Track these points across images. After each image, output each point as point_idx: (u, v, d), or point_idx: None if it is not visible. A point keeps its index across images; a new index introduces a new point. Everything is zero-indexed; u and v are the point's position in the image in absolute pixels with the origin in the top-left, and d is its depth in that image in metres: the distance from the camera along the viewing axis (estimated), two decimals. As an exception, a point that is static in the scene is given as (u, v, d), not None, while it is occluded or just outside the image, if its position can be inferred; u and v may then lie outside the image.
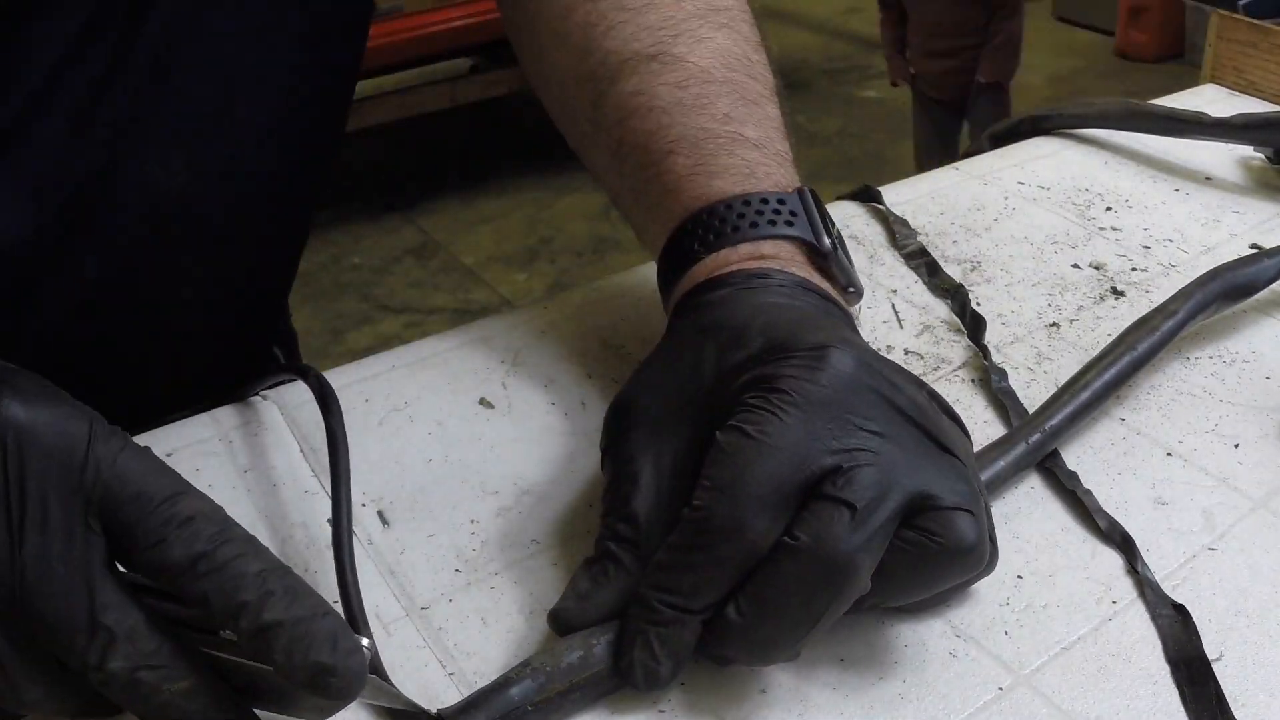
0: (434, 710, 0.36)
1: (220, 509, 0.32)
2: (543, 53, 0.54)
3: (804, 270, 0.45)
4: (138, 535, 0.30)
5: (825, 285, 0.45)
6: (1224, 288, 0.54)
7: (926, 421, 0.38)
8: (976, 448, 0.49)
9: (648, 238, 0.50)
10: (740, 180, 0.46)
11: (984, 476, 0.45)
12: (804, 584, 0.35)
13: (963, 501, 0.37)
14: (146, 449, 0.32)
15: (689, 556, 0.36)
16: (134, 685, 0.30)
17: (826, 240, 0.45)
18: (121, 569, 0.31)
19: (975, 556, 0.37)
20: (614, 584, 0.38)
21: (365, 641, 0.32)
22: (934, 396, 0.41)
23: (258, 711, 0.33)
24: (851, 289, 0.47)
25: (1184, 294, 0.54)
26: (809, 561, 0.35)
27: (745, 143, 0.47)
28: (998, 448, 0.47)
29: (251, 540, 0.31)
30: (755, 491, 0.36)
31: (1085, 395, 0.49)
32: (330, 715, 0.33)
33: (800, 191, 0.46)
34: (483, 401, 0.52)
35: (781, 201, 0.46)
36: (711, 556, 0.36)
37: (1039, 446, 0.47)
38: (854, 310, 0.47)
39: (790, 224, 0.45)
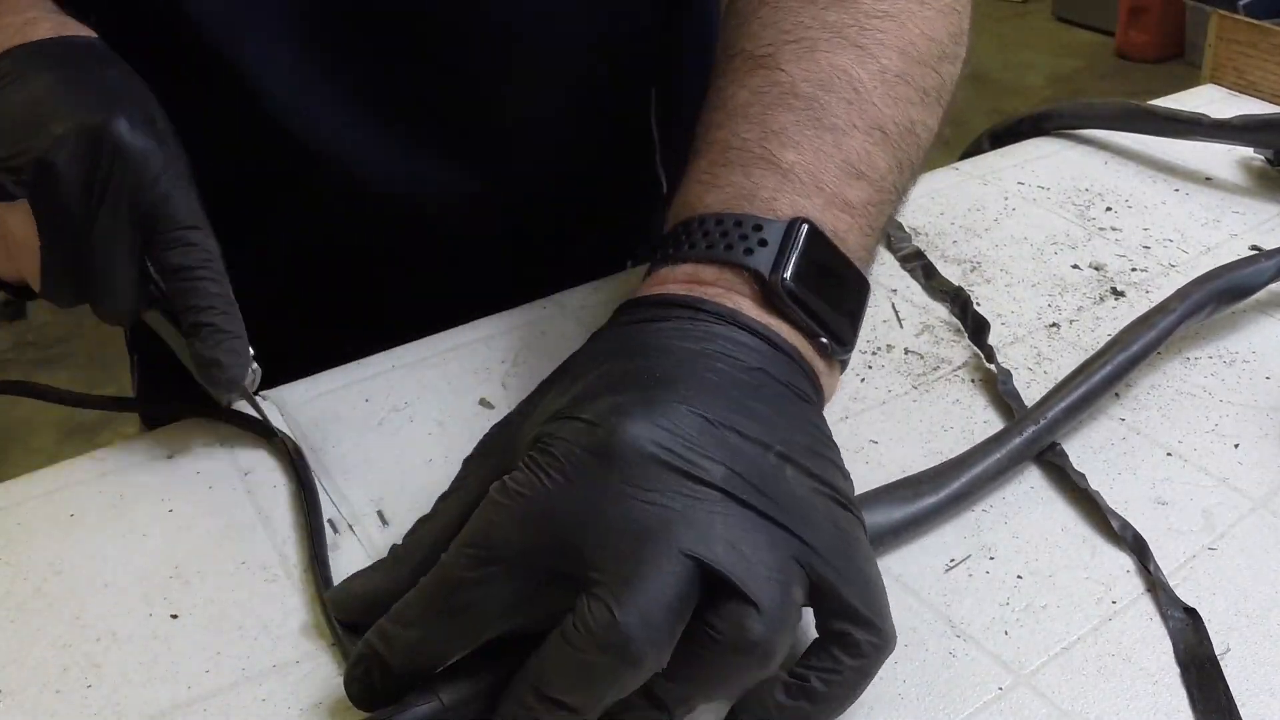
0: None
1: (216, 248, 0.45)
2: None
3: (746, 305, 0.40)
4: (159, 238, 0.44)
5: (775, 324, 0.40)
6: (1223, 288, 0.54)
7: (753, 495, 0.34)
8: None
9: None
10: (732, 200, 0.43)
11: (979, 468, 0.45)
12: (577, 669, 0.32)
13: (752, 588, 0.32)
14: (194, 188, 0.45)
15: (424, 611, 0.34)
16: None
17: (786, 277, 0.40)
18: None
19: (757, 656, 0.33)
20: (378, 580, 0.39)
21: (255, 366, 0.46)
22: (816, 475, 0.36)
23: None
24: (825, 339, 0.41)
25: (1182, 293, 0.54)
26: (574, 646, 0.32)
27: (773, 166, 0.43)
28: (995, 441, 0.47)
29: (223, 273, 0.45)
30: (502, 553, 0.33)
31: (1083, 389, 0.49)
32: (221, 400, 0.48)
33: (793, 222, 0.41)
34: (483, 401, 0.52)
35: (758, 228, 0.41)
36: (439, 609, 0.34)
37: (1035, 439, 0.47)
38: (825, 367, 0.42)
39: (749, 252, 0.41)
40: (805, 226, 0.41)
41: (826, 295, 0.41)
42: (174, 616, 0.41)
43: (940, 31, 0.48)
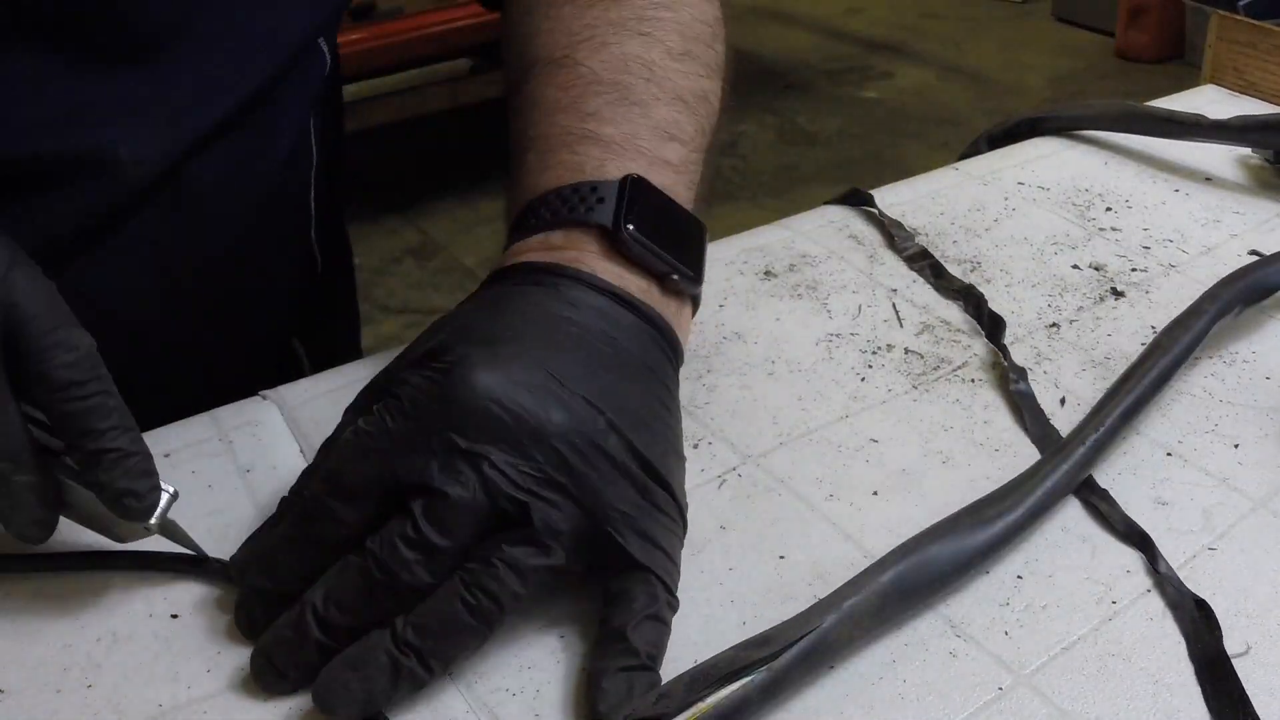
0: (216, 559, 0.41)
1: (94, 347, 0.38)
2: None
3: (597, 261, 0.43)
4: (31, 351, 0.36)
5: (625, 277, 0.43)
6: (1249, 287, 0.55)
7: (572, 453, 0.38)
8: (976, 447, 0.49)
9: None
10: (565, 175, 0.46)
11: (1050, 481, 0.44)
12: (370, 589, 0.37)
13: (546, 535, 0.37)
14: (52, 284, 0.38)
15: (288, 540, 0.39)
16: None
17: (627, 226, 0.43)
18: None
19: (528, 582, 0.37)
20: (271, 536, 0.40)
21: (170, 488, 0.40)
22: (635, 447, 0.39)
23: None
24: (676, 275, 0.45)
25: (1211, 295, 0.54)
26: (373, 569, 0.37)
27: (595, 140, 0.47)
28: (1058, 453, 0.46)
29: (113, 386, 0.38)
30: (345, 482, 0.38)
31: (1135, 394, 0.49)
32: (129, 539, 0.41)
33: (624, 179, 0.45)
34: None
35: (593, 189, 0.44)
36: (297, 536, 0.39)
37: (1098, 446, 0.47)
38: (677, 307, 0.45)
39: (591, 210, 0.44)
40: (636, 180, 0.45)
41: (668, 237, 0.45)
42: (174, 616, 0.41)
43: (708, 15, 0.55)
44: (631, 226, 0.43)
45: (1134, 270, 0.63)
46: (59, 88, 0.46)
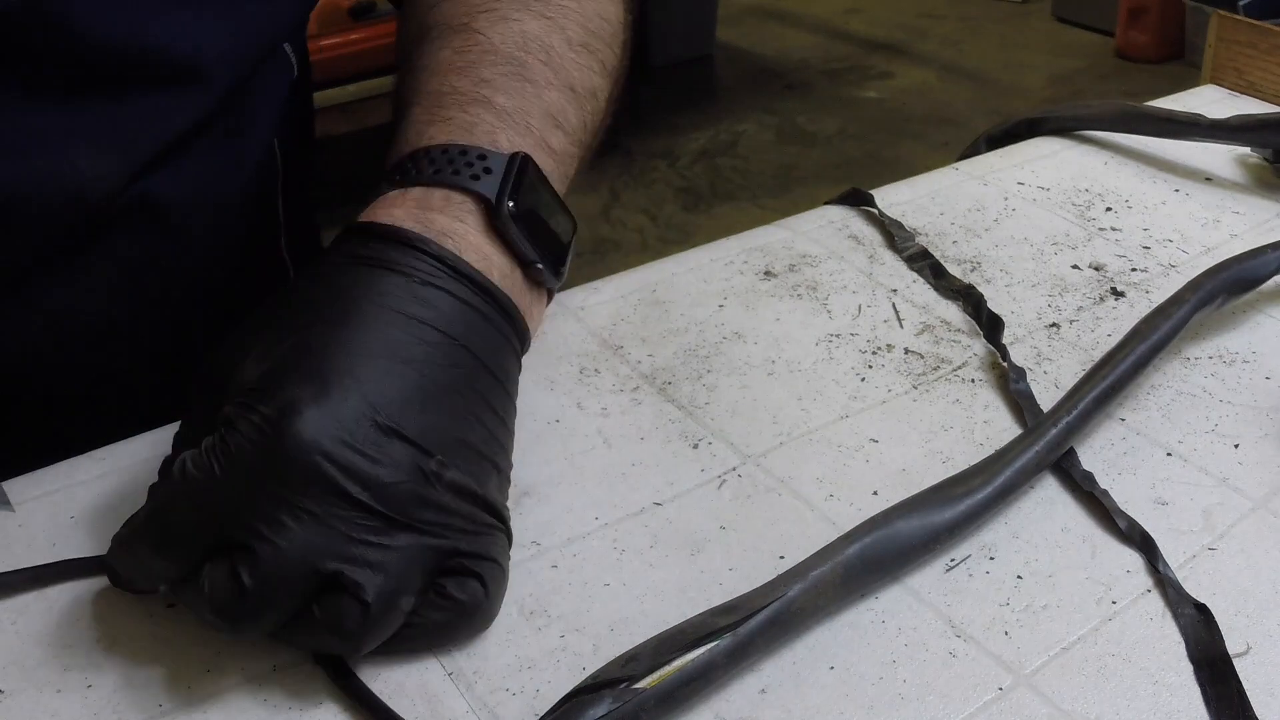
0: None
1: None
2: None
3: (473, 234, 0.42)
4: None
5: (495, 258, 0.43)
6: (1233, 278, 0.55)
7: (398, 508, 0.36)
8: (976, 447, 0.49)
9: None
10: (457, 133, 0.45)
11: (1022, 460, 0.45)
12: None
13: (365, 593, 0.36)
14: None
15: (131, 550, 0.38)
16: None
17: (508, 205, 0.43)
18: None
19: (349, 645, 0.37)
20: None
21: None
22: (464, 487, 0.38)
23: None
24: (542, 265, 0.45)
25: (1194, 284, 0.54)
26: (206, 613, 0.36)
27: (488, 106, 0.46)
28: (1033, 432, 0.47)
29: None
30: (170, 532, 0.37)
31: (1111, 378, 0.49)
32: None
33: (514, 155, 0.44)
34: (483, 402, 0.52)
35: (482, 157, 0.43)
36: (140, 556, 0.38)
37: (1071, 429, 0.48)
38: (535, 296, 0.46)
39: (476, 178, 0.43)
40: (524, 159, 0.44)
41: (541, 225, 0.45)
42: (174, 614, 0.41)
43: (612, 15, 0.54)
44: (512, 205, 0.43)
45: (1134, 270, 0.63)
46: (15, 115, 0.46)
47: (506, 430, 0.43)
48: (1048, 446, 0.47)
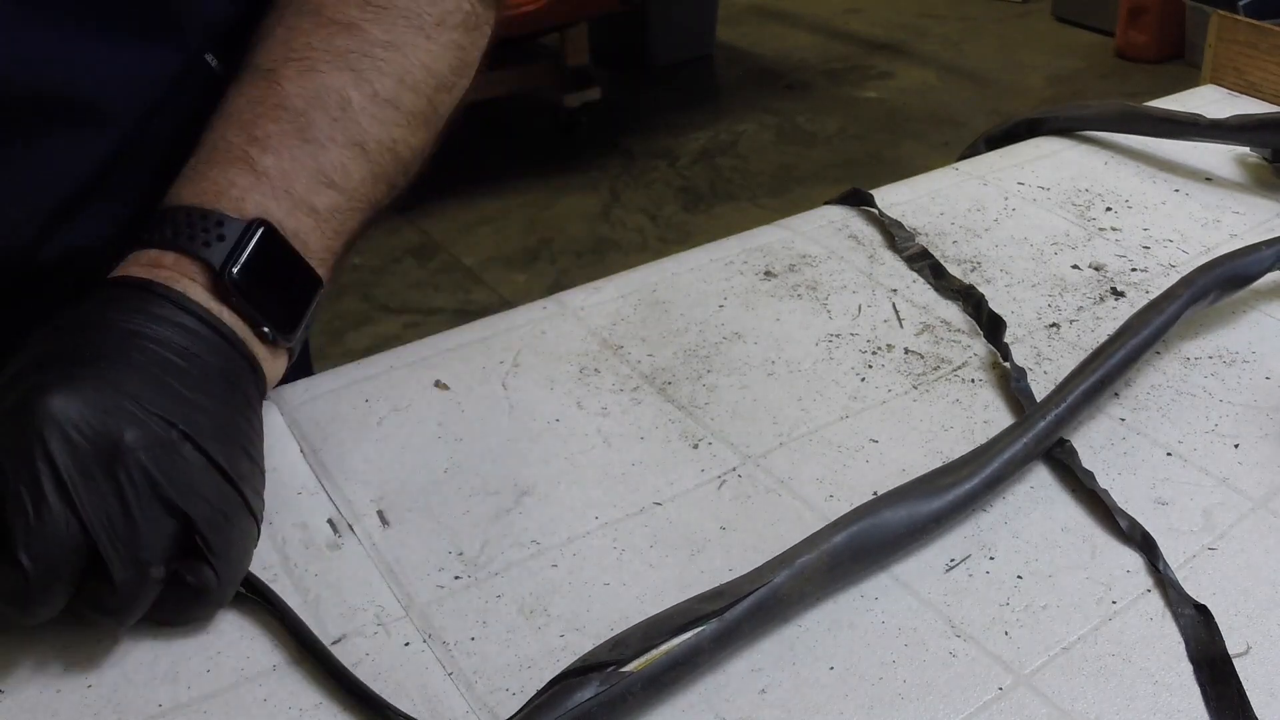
0: None
1: None
2: None
3: (197, 291, 0.44)
4: None
5: (226, 310, 0.44)
6: (1226, 275, 0.55)
7: (140, 472, 0.38)
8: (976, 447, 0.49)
9: None
10: (205, 194, 0.46)
11: (1009, 453, 0.46)
12: None
13: (116, 570, 0.37)
14: None
15: None
16: None
17: (233, 267, 0.44)
18: None
19: (111, 619, 0.39)
20: None
21: None
22: (211, 455, 0.41)
23: None
24: (267, 328, 0.46)
25: (1187, 280, 0.55)
26: None
27: (247, 168, 0.47)
28: (1020, 425, 0.48)
29: None
30: None
31: (1100, 373, 0.50)
32: None
33: (251, 222, 0.45)
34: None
35: (220, 223, 0.45)
36: None
37: (1059, 421, 0.48)
38: (268, 352, 0.46)
39: (207, 245, 0.44)
40: (262, 227, 0.46)
41: (274, 289, 0.46)
42: (174, 616, 0.41)
43: (441, 65, 0.53)
44: (236, 271, 0.44)
45: (1134, 270, 0.63)
46: None
47: (256, 431, 0.45)
48: (1036, 439, 0.47)
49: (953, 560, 0.44)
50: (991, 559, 0.44)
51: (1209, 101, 0.84)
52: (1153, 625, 0.41)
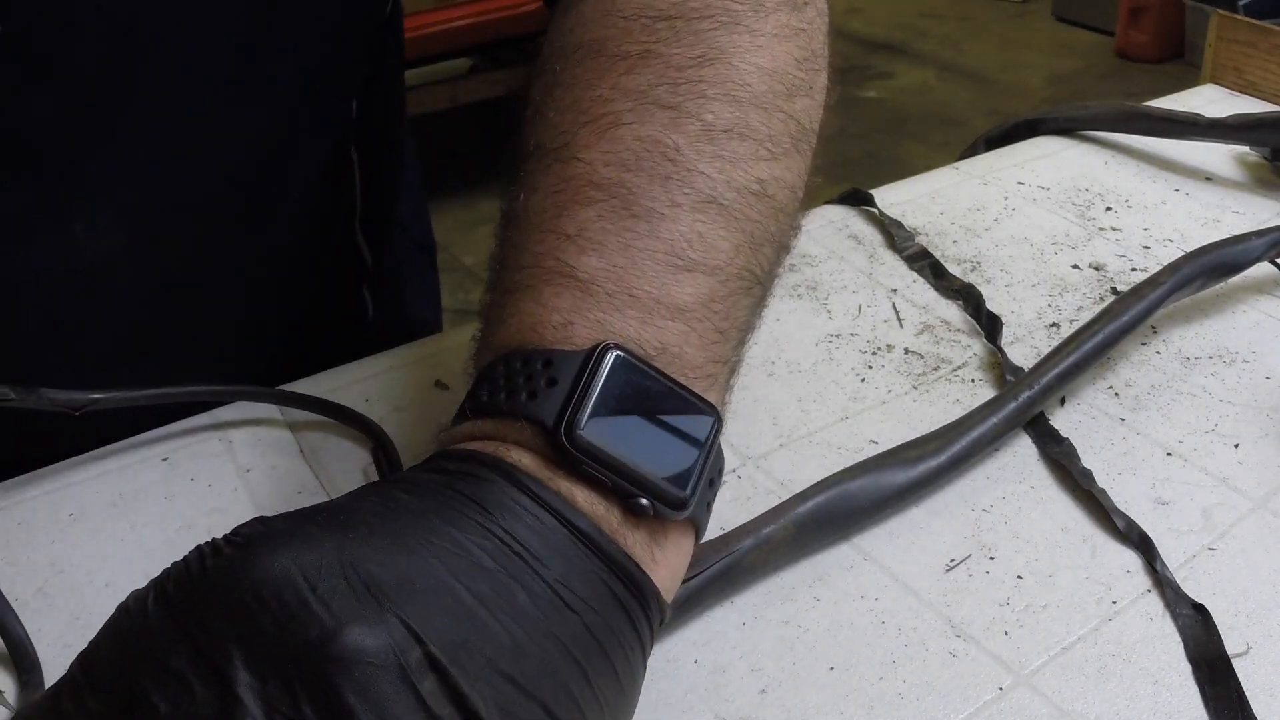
0: None
1: None
2: None
3: (536, 466, 0.31)
4: None
5: (579, 492, 0.31)
6: (1213, 263, 0.56)
7: (345, 681, 0.25)
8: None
9: None
10: (519, 332, 0.34)
11: (977, 432, 0.47)
12: None
13: None
14: None
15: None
16: None
17: (580, 416, 0.31)
18: None
19: None
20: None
21: None
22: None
23: None
24: (645, 500, 0.31)
25: (1172, 267, 0.55)
26: None
27: (566, 278, 0.34)
28: (990, 405, 0.48)
29: None
30: (95, 672, 0.29)
31: (1074, 357, 0.50)
32: None
33: (592, 350, 0.32)
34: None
35: (547, 364, 0.32)
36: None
37: (1029, 404, 0.49)
38: (648, 537, 0.32)
39: (534, 396, 0.32)
40: (612, 354, 0.32)
41: (647, 434, 0.32)
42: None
43: (783, 61, 0.39)
44: (585, 422, 0.31)
45: (1134, 270, 0.63)
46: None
47: (625, 706, 0.31)
48: (1006, 419, 0.48)
49: (953, 560, 0.44)
50: (991, 559, 0.44)
51: (1209, 101, 0.84)
52: (1153, 625, 0.41)
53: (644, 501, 0.31)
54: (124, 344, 0.52)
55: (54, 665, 0.39)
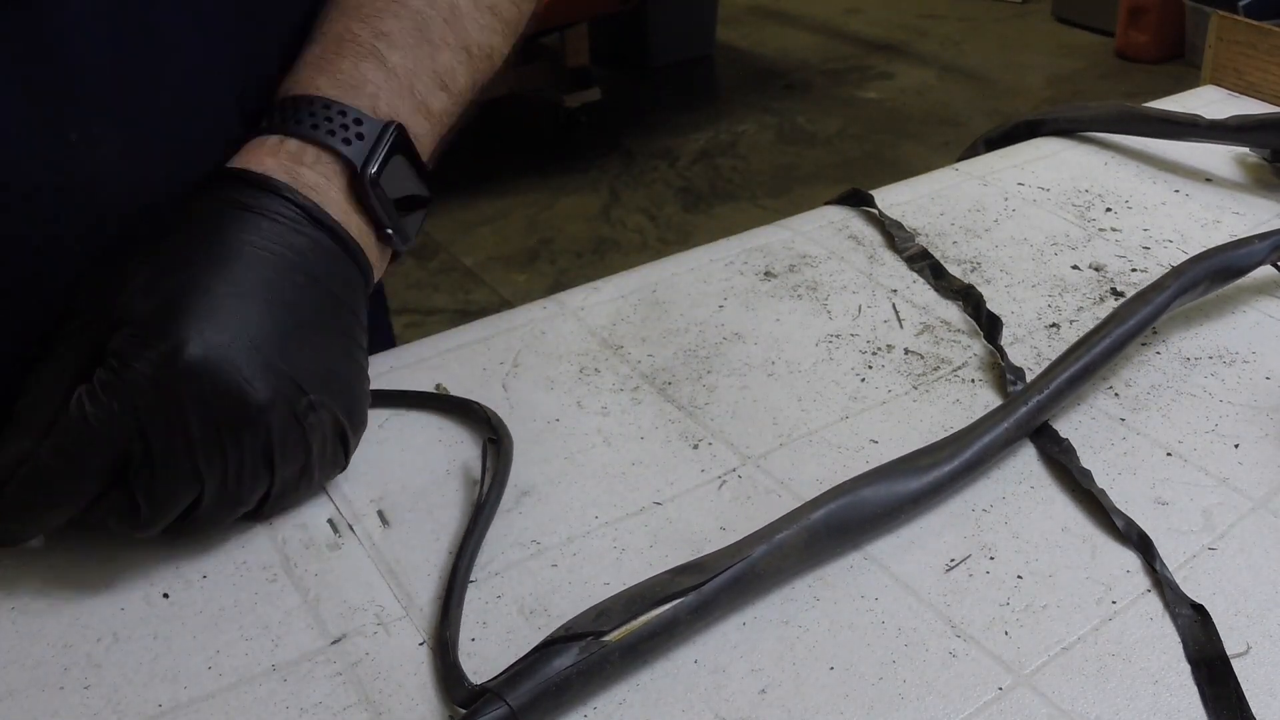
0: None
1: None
2: None
3: (335, 195, 0.45)
4: None
5: (353, 217, 0.45)
6: (1217, 267, 0.56)
7: (276, 425, 0.41)
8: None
9: None
10: (342, 88, 0.46)
11: (988, 437, 0.47)
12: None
13: (212, 523, 0.42)
14: None
15: (22, 495, 0.40)
16: None
17: (372, 169, 0.45)
18: None
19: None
20: (10, 451, 0.41)
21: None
22: (331, 410, 0.43)
23: None
24: (390, 231, 0.47)
25: (1177, 271, 0.55)
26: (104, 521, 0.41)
27: (379, 62, 0.47)
28: (1001, 410, 0.48)
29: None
30: (78, 464, 0.40)
31: (1084, 361, 0.50)
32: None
33: (388, 124, 0.46)
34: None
35: (358, 121, 0.46)
36: (31, 502, 0.40)
37: (1039, 409, 0.49)
38: (380, 256, 0.47)
39: (348, 142, 0.45)
40: (396, 128, 0.46)
41: (399, 193, 0.47)
42: (174, 613, 0.41)
43: None
44: (374, 172, 0.45)
45: (1134, 271, 0.63)
46: None
47: (366, 361, 0.47)
48: (1017, 424, 0.48)
49: (953, 560, 0.44)
50: (991, 559, 0.44)
51: (1209, 102, 0.84)
52: (1153, 625, 0.41)
53: (390, 232, 0.47)
54: None
55: (52, 666, 0.39)
